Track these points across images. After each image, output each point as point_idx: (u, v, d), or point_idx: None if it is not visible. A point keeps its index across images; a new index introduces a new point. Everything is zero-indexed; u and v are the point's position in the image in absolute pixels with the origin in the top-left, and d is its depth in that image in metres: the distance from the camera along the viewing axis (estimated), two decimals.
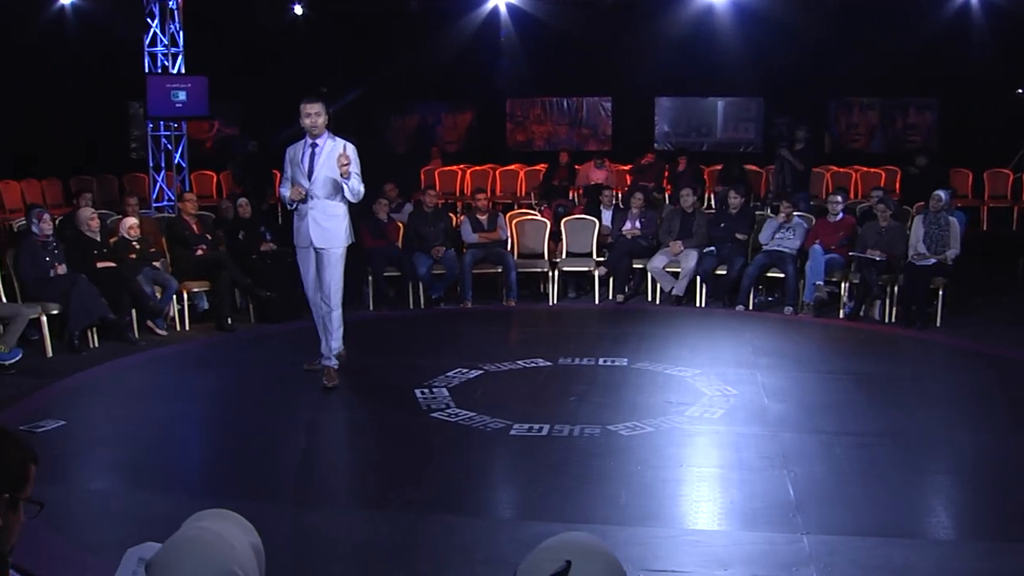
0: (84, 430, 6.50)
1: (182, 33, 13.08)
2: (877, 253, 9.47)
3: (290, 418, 6.70)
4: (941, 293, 9.25)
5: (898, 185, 14.34)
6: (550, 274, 10.66)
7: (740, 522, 4.92)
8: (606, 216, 11.26)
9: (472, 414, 6.57)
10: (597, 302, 10.53)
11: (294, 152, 7.15)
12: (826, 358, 8.30)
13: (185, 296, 9.41)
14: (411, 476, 5.65)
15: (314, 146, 7.05)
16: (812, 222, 10.46)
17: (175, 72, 13.05)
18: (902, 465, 5.70)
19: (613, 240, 10.87)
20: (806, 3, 14.84)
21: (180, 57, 13.10)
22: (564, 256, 10.85)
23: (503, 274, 10.52)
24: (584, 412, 6.64)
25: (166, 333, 9.11)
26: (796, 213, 10.55)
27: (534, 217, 11.46)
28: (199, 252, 9.67)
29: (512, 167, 16.32)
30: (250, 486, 5.51)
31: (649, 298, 10.58)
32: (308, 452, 6.19)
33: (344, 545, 4.82)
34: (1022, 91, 15.60)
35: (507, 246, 10.77)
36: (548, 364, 7.93)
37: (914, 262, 9.35)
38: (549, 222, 11.17)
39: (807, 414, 6.66)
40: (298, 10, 16.51)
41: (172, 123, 13.38)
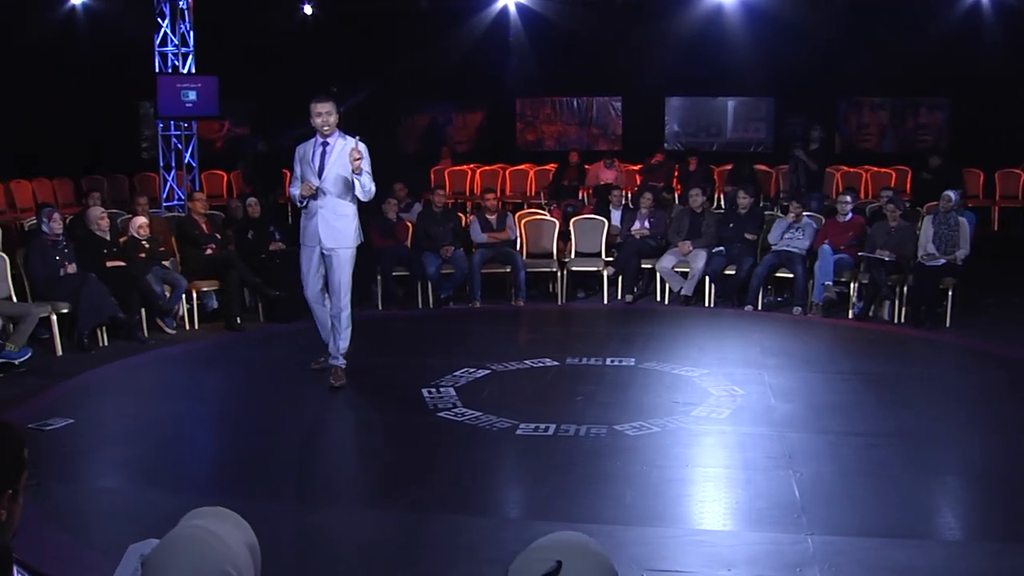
0: (92, 428, 6.53)
1: (192, 33, 13.09)
2: (886, 253, 9.43)
3: (297, 417, 6.72)
4: (951, 293, 9.21)
5: (908, 186, 14.29)
6: (559, 274, 10.66)
7: (745, 522, 4.91)
8: (615, 216, 11.24)
9: (478, 414, 6.57)
10: (606, 302, 10.52)
11: (304, 150, 7.10)
12: (835, 358, 8.27)
13: (194, 295, 9.45)
14: (416, 475, 5.65)
15: (325, 145, 7.00)
16: (822, 222, 10.43)
17: (185, 72, 13.07)
18: (910, 465, 5.67)
19: (622, 240, 10.86)
20: (816, 2, 14.81)
21: (190, 57, 13.12)
22: (573, 256, 10.85)
23: (512, 274, 10.51)
24: (590, 412, 6.63)
25: (175, 332, 9.15)
26: (808, 213, 10.52)
27: (543, 217, 11.45)
28: (208, 251, 9.70)
29: (522, 167, 16.32)
30: (257, 485, 5.52)
31: (658, 298, 10.55)
32: (314, 451, 6.21)
33: (350, 544, 4.84)
34: None
35: (516, 246, 10.76)
36: (555, 364, 7.93)
37: (923, 262, 9.31)
38: (558, 222, 11.17)
39: (815, 414, 6.64)
40: (308, 10, 16.56)
41: (182, 123, 13.41)
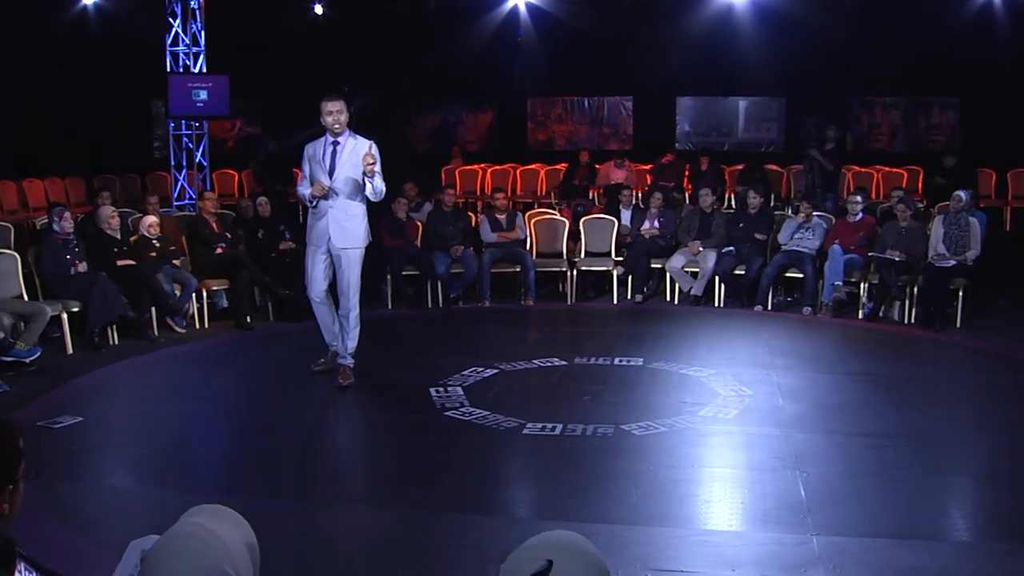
0: (101, 427, 6.56)
1: (203, 32, 13.16)
2: (897, 253, 9.40)
3: (305, 416, 6.74)
4: (961, 294, 9.17)
5: (920, 186, 14.23)
6: (568, 273, 10.66)
7: (750, 523, 4.90)
8: (625, 216, 11.23)
9: (486, 413, 6.57)
10: (615, 302, 10.52)
11: (314, 150, 7.03)
12: (844, 359, 8.24)
13: (204, 294, 9.48)
14: (423, 474, 5.66)
15: (335, 144, 6.94)
16: (832, 222, 10.40)
17: (196, 71, 13.13)
18: (918, 466, 5.65)
19: (632, 240, 10.85)
20: (827, 2, 14.76)
21: (201, 56, 13.18)
22: (583, 256, 10.85)
23: (521, 273, 10.52)
24: (598, 412, 6.62)
25: (185, 331, 9.19)
26: (818, 213, 10.49)
27: (553, 216, 11.45)
28: (219, 250, 9.73)
29: (533, 166, 16.34)
30: (264, 484, 5.54)
31: (668, 298, 10.54)
32: (321, 450, 6.24)
33: (356, 543, 4.85)
34: None
35: (526, 245, 10.77)
36: (564, 363, 7.93)
37: (934, 263, 9.28)
38: (568, 221, 11.16)
39: (823, 415, 6.62)
40: (318, 10, 16.59)
41: (193, 122, 13.47)
